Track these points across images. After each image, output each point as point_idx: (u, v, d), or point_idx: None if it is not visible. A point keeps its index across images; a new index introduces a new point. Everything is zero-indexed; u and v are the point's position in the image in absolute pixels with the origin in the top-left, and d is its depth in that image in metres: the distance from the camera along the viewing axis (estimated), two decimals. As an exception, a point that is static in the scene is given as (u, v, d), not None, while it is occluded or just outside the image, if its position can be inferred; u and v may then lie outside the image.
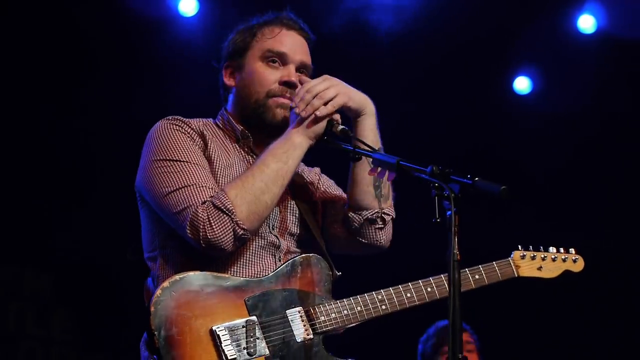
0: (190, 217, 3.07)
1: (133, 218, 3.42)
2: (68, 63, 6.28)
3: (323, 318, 3.19)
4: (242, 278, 3.16)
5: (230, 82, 3.50)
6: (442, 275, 3.37)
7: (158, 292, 3.00)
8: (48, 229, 6.55)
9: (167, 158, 3.21)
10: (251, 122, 3.42)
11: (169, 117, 3.34)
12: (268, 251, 3.28)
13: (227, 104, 3.52)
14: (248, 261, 3.22)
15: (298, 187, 3.48)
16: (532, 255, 3.65)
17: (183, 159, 3.20)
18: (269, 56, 3.43)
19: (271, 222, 3.32)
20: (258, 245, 3.25)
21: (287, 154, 3.20)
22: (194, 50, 6.41)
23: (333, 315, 3.21)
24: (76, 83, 6.34)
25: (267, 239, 3.28)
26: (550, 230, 6.50)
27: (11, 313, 6.72)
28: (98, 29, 6.24)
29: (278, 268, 3.23)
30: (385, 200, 3.46)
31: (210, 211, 3.06)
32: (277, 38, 3.45)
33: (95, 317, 6.80)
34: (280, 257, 3.30)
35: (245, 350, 3.03)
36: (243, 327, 3.05)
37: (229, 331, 3.03)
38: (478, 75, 6.93)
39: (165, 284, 3.02)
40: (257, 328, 3.07)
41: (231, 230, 3.07)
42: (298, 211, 3.43)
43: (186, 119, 3.36)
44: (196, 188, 3.13)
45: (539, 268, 3.66)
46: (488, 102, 7.06)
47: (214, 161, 3.30)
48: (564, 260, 3.71)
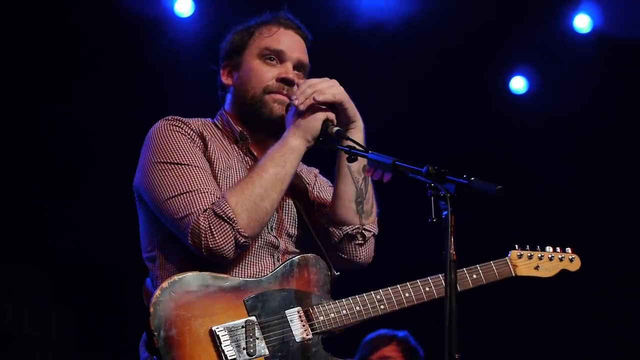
0: (191, 225, 3.07)
1: (131, 218, 3.42)
2: (65, 63, 6.27)
3: (322, 318, 3.19)
4: (241, 278, 3.16)
5: (228, 81, 3.51)
6: (440, 275, 3.38)
7: (157, 293, 3.00)
8: (45, 229, 6.55)
9: (168, 161, 3.20)
10: (249, 120, 3.42)
11: (169, 117, 3.34)
12: (267, 251, 3.28)
13: (225, 104, 3.53)
14: (247, 261, 3.22)
15: (296, 188, 3.48)
16: (529, 254, 3.67)
17: (184, 162, 3.20)
18: (267, 54, 3.44)
19: (269, 223, 3.31)
20: (257, 245, 3.25)
21: (285, 158, 3.19)
22: (190, 50, 6.41)
23: (332, 315, 3.21)
24: (73, 83, 6.34)
25: (266, 239, 3.29)
26: (546, 230, 6.56)
27: (8, 312, 6.71)
28: (94, 29, 6.23)
29: (277, 268, 3.23)
30: (367, 216, 3.44)
31: (211, 220, 3.07)
32: (275, 36, 3.46)
33: (92, 317, 6.80)
34: (278, 258, 3.30)
35: (244, 350, 3.03)
36: (242, 328, 3.05)
37: (229, 331, 3.03)
38: (474, 75, 6.93)
39: (164, 285, 3.02)
40: (257, 328, 3.08)
41: (232, 238, 3.08)
42: (296, 212, 3.44)
43: (185, 119, 3.35)
44: (197, 194, 3.13)
45: (536, 267, 3.68)
46: (484, 102, 7.07)
47: (214, 162, 3.30)
48: (561, 259, 3.73)
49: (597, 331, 7.03)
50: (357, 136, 3.35)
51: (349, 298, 3.27)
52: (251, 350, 3.04)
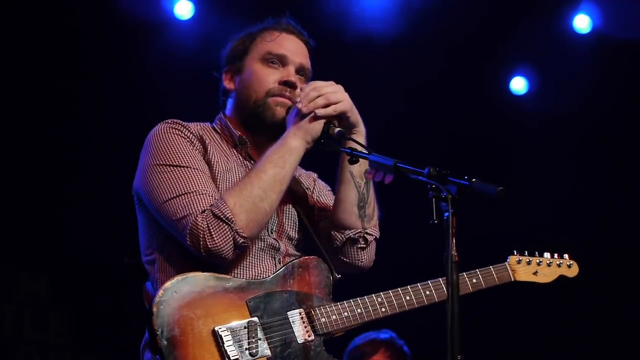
0: (190, 226, 3.07)
1: (132, 220, 3.42)
2: (66, 65, 6.28)
3: (324, 320, 3.19)
4: (244, 279, 3.16)
5: (230, 86, 3.51)
6: (440, 279, 3.39)
7: (160, 293, 3.00)
8: (45, 231, 6.54)
9: (167, 163, 3.20)
10: (251, 123, 3.42)
11: (168, 121, 3.34)
12: (268, 254, 3.29)
13: (226, 109, 3.52)
14: (248, 263, 3.22)
15: (295, 192, 3.48)
16: (528, 260, 3.68)
17: (183, 164, 3.20)
18: (269, 58, 3.44)
19: (270, 226, 3.32)
20: (258, 247, 3.26)
21: (284, 159, 3.19)
22: (190, 53, 6.41)
23: (334, 317, 3.22)
24: (74, 85, 6.34)
25: (267, 242, 3.29)
26: (546, 231, 6.56)
27: (8, 315, 6.70)
28: (94, 32, 6.24)
29: (278, 270, 3.24)
30: (369, 220, 3.45)
31: (210, 220, 3.07)
32: (277, 41, 3.46)
33: (93, 321, 6.79)
34: (279, 260, 3.30)
35: (247, 351, 3.03)
36: (245, 328, 3.06)
37: (231, 332, 3.03)
38: (474, 76, 6.93)
39: (167, 284, 3.02)
40: (259, 329, 3.08)
41: (231, 239, 3.07)
42: (296, 215, 3.44)
43: (185, 123, 3.35)
44: (196, 195, 3.13)
45: (535, 273, 3.69)
46: (485, 103, 7.07)
47: (214, 165, 3.30)
48: (559, 265, 3.74)
49: (597, 332, 7.03)
50: (359, 141, 3.34)
51: (351, 300, 3.27)
52: (254, 350, 3.04)
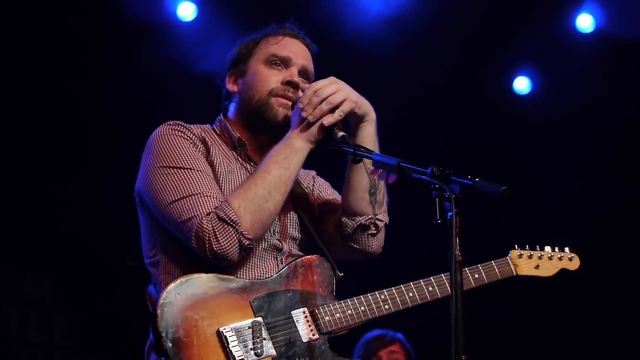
0: (195, 229, 3.07)
1: (135, 221, 3.42)
2: (68, 67, 6.29)
3: (327, 318, 3.20)
4: (247, 280, 3.17)
5: (233, 88, 3.52)
6: (443, 274, 3.40)
7: (164, 295, 3.00)
8: (49, 233, 6.55)
9: (170, 165, 3.21)
10: (253, 124, 3.43)
11: (170, 122, 3.34)
12: (270, 254, 3.29)
13: (228, 112, 3.53)
14: (251, 263, 3.23)
15: (296, 193, 3.48)
16: (529, 254, 3.69)
17: (186, 166, 3.20)
18: (273, 60, 3.46)
19: (273, 227, 3.33)
20: (261, 248, 3.26)
21: (288, 160, 3.20)
22: (193, 54, 6.42)
23: (337, 315, 3.22)
24: (76, 87, 6.35)
25: (269, 242, 3.30)
26: (549, 229, 6.57)
27: (13, 316, 6.71)
28: (96, 33, 6.25)
29: (281, 270, 3.24)
30: (379, 206, 3.47)
31: (214, 223, 3.07)
32: (281, 44, 3.49)
33: (97, 322, 6.80)
34: (282, 260, 3.31)
35: (252, 351, 3.04)
36: (249, 328, 3.06)
37: (236, 332, 3.04)
38: (477, 75, 6.94)
39: (171, 286, 3.02)
40: (264, 329, 3.09)
41: (237, 241, 3.08)
42: (297, 215, 3.45)
43: (187, 124, 3.36)
44: (200, 197, 3.13)
45: (537, 267, 3.70)
46: (488, 103, 7.07)
47: (216, 167, 3.31)
48: (560, 258, 3.75)
49: (597, 331, 7.03)
50: (369, 129, 3.36)
51: (354, 298, 3.28)
52: (259, 350, 3.05)
